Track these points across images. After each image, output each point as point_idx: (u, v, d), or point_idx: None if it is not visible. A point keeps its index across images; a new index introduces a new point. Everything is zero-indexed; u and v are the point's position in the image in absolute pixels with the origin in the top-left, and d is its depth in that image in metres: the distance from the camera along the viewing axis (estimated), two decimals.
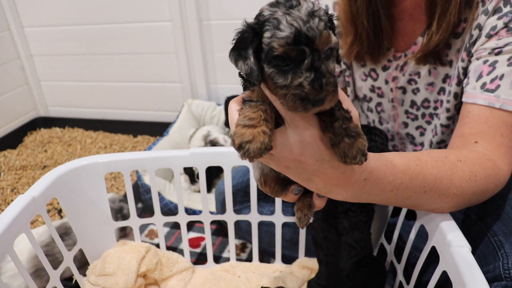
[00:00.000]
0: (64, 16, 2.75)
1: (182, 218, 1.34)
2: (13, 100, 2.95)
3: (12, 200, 2.17)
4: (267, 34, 0.64)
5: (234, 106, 0.76)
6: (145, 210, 1.96)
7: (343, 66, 1.34)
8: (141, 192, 1.90)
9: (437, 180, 0.87)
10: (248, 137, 0.65)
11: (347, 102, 0.75)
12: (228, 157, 1.25)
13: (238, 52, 0.69)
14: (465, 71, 1.08)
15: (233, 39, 0.69)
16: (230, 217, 1.33)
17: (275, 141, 0.71)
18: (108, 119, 3.00)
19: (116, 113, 2.99)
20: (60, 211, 2.03)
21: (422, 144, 1.34)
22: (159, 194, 1.84)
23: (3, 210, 2.07)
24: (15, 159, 2.64)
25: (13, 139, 2.90)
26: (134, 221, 1.34)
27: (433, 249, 0.96)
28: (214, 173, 1.92)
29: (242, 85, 0.78)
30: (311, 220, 0.92)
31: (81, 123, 3.05)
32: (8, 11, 2.78)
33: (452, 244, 0.86)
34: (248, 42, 0.67)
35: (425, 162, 0.87)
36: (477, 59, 1.03)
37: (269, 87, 0.69)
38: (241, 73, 0.71)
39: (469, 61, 1.06)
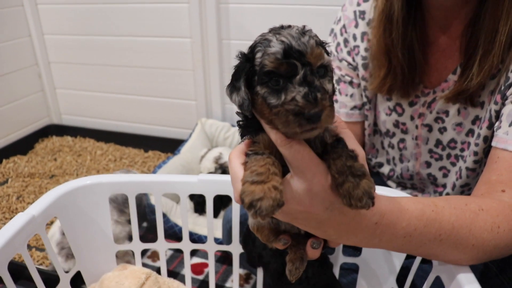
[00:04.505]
0: (84, 25, 2.75)
1: (186, 246, 1.28)
2: (27, 106, 2.95)
3: (16, 209, 2.15)
4: (258, 55, 0.64)
5: (236, 161, 0.71)
6: (150, 230, 1.91)
7: (364, 99, 1.28)
8: (147, 212, 1.85)
9: (454, 229, 0.79)
10: (258, 195, 0.60)
11: (352, 142, 0.71)
12: None
13: (232, 85, 0.68)
14: (498, 114, 1.01)
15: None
16: (235, 249, 1.27)
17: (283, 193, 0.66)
18: (120, 132, 2.96)
19: (128, 126, 2.96)
20: None
21: (444, 186, 1.27)
22: (165, 216, 1.79)
23: (6, 219, 2.05)
24: (24, 166, 2.62)
25: (24, 145, 2.88)
26: (136, 246, 1.28)
27: None
28: (224, 202, 1.86)
29: (240, 134, 0.76)
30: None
31: (93, 133, 3.02)
32: (31, 17, 2.80)
33: None
34: (241, 71, 0.66)
35: (442, 209, 0.81)
36: None
37: (264, 115, 0.66)
38: (236, 108, 0.70)
39: (503, 104, 0.99)
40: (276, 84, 0.62)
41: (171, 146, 2.66)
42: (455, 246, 0.81)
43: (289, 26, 0.65)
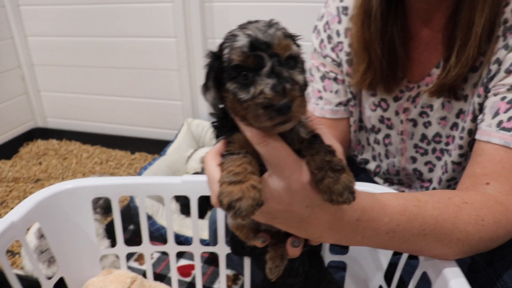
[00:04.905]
0: (68, 27, 2.72)
1: (171, 249, 1.26)
2: (11, 109, 2.90)
3: (0, 215, 2.11)
4: (225, 51, 0.63)
5: (212, 162, 0.69)
6: (137, 233, 1.88)
7: (349, 95, 1.27)
8: (133, 214, 1.82)
9: (438, 223, 0.79)
10: (237, 195, 0.59)
11: (328, 137, 0.70)
12: None
13: (204, 84, 0.67)
14: (481, 107, 1.01)
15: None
16: (221, 250, 1.25)
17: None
18: (106, 134, 2.93)
19: (114, 128, 2.92)
20: None
21: (430, 181, 1.26)
22: (151, 218, 1.77)
23: None
24: (8, 170, 2.57)
25: (9, 149, 2.84)
26: (121, 249, 1.26)
27: None
28: (210, 203, 1.84)
29: (215, 135, 0.74)
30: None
31: (79, 136, 2.98)
32: (12, 19, 2.75)
33: None
34: (210, 69, 0.66)
35: (424, 203, 0.80)
36: (495, 95, 0.96)
37: (237, 112, 0.65)
38: (210, 107, 0.69)
39: (486, 97, 0.99)
40: (245, 78, 0.61)
41: (157, 147, 2.63)
42: (440, 240, 0.80)
43: (256, 21, 0.65)
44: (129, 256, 1.77)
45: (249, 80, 0.61)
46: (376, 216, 0.75)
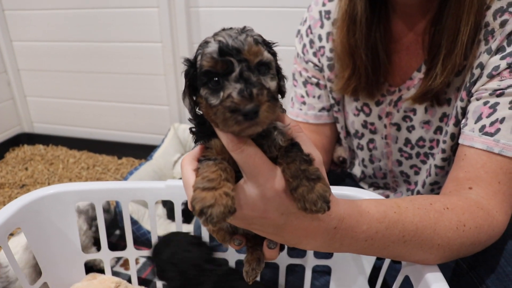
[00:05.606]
0: (54, 32, 2.71)
1: None
2: None
3: None
4: (198, 58, 0.64)
5: (188, 167, 0.69)
6: (123, 237, 1.88)
7: (332, 101, 1.28)
8: (119, 219, 1.81)
9: (418, 229, 0.79)
10: (209, 201, 0.59)
11: (308, 145, 0.70)
12: None
13: (183, 91, 0.68)
14: (464, 111, 1.01)
15: None
16: None
17: (236, 199, 0.64)
18: (93, 139, 2.92)
19: (101, 133, 2.91)
20: None
21: (416, 183, 1.27)
22: (137, 223, 1.77)
23: None
24: None
25: None
26: (105, 254, 1.25)
27: None
28: None
29: (194, 140, 0.75)
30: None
31: (66, 141, 2.97)
32: None
33: None
34: (185, 76, 0.67)
35: (405, 210, 0.80)
36: (477, 99, 0.96)
37: (210, 117, 0.65)
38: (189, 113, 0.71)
39: (469, 101, 1.00)
40: (215, 84, 0.62)
41: (144, 152, 2.63)
42: (420, 246, 0.81)
43: (230, 28, 0.66)
44: (116, 261, 1.76)
45: (219, 85, 0.61)
46: (354, 224, 0.75)
